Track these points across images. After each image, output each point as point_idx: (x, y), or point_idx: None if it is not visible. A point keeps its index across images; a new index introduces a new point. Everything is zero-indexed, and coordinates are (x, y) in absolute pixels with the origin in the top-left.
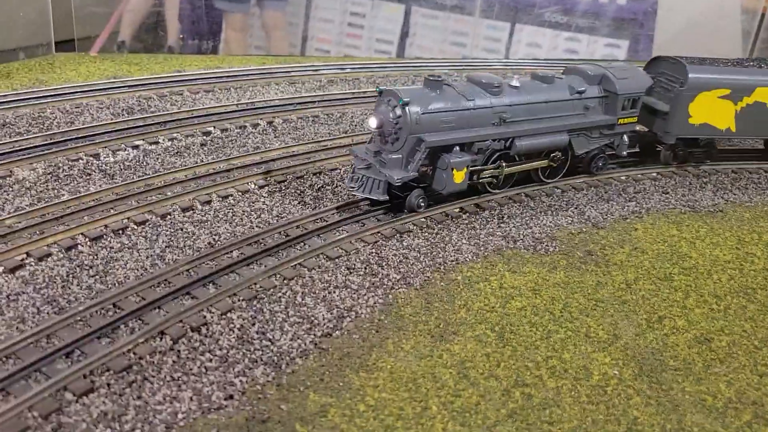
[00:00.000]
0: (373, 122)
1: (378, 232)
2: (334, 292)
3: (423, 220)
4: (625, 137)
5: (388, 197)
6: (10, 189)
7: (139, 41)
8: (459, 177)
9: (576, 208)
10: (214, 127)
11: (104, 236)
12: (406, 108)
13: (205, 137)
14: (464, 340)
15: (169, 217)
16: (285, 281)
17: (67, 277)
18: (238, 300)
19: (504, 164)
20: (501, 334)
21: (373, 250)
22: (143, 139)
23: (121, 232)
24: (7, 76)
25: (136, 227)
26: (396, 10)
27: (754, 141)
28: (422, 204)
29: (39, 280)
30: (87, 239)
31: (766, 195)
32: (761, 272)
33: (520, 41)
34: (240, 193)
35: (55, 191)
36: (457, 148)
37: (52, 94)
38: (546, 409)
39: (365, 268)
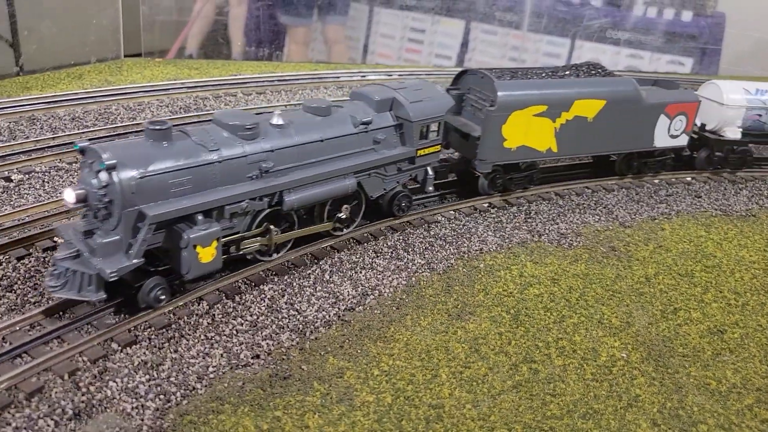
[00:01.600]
0: (70, 196)
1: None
2: (361, 272)
3: (452, 212)
4: (430, 170)
5: (105, 295)
6: (77, 173)
7: (205, 54)
8: (207, 254)
9: (605, 208)
10: None
11: None
12: (113, 173)
13: None
14: (479, 320)
15: None
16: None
17: None
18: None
19: (273, 228)
20: (516, 317)
21: (401, 237)
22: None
23: None
24: (79, 78)
25: None
26: (456, 25)
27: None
28: (162, 297)
29: None
30: None
31: None
32: None
33: (581, 58)
34: None
35: None
36: (201, 216)
37: (118, 92)
38: (551, 383)
39: (391, 253)
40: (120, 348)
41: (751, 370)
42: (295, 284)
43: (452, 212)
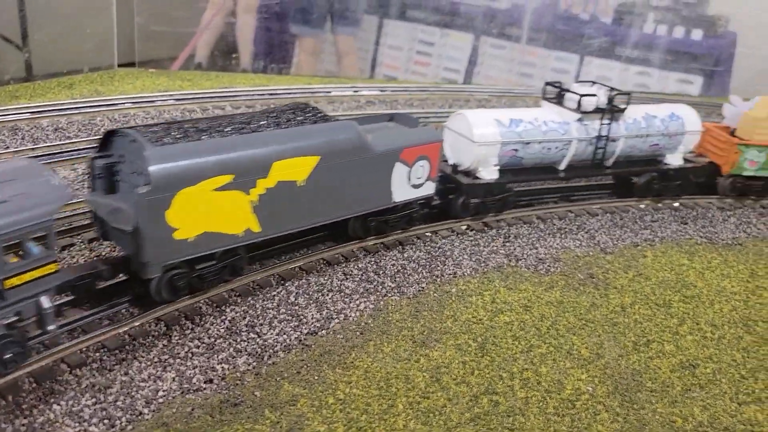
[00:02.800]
0: None
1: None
2: (328, 295)
3: (428, 234)
4: (45, 300)
5: None
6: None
7: (214, 63)
8: None
9: (587, 233)
10: None
11: None
12: None
13: None
14: (445, 348)
15: None
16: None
17: None
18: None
19: None
20: (482, 345)
21: (373, 259)
22: None
23: None
24: (70, 87)
25: None
26: (464, 39)
27: None
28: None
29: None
30: None
31: None
32: (767, 306)
33: (589, 74)
34: None
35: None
36: None
37: (104, 103)
38: (510, 417)
39: (362, 275)
40: (69, 369)
41: (720, 408)
42: (258, 306)
43: (429, 234)
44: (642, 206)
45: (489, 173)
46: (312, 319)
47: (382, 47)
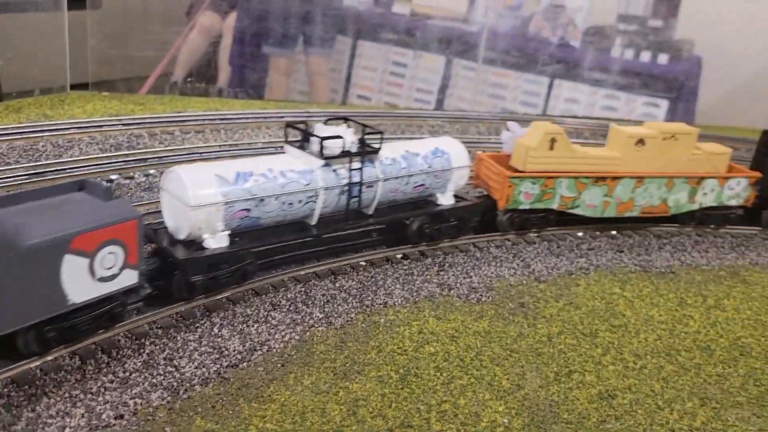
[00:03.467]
0: None
1: None
2: (253, 326)
3: (362, 263)
4: None
5: None
6: None
7: (191, 85)
8: None
9: (522, 261)
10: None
11: None
12: None
13: None
14: (365, 380)
15: None
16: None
17: None
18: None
19: None
20: (404, 376)
21: (303, 289)
22: (119, 174)
23: None
24: (17, 111)
25: None
26: (436, 61)
27: None
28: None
29: None
30: None
31: (725, 259)
32: (692, 335)
33: (559, 96)
34: None
35: None
36: None
37: (49, 128)
38: None
39: (290, 306)
40: None
41: None
42: (179, 338)
43: (363, 263)
44: (580, 234)
45: (216, 241)
46: (234, 351)
47: (356, 68)
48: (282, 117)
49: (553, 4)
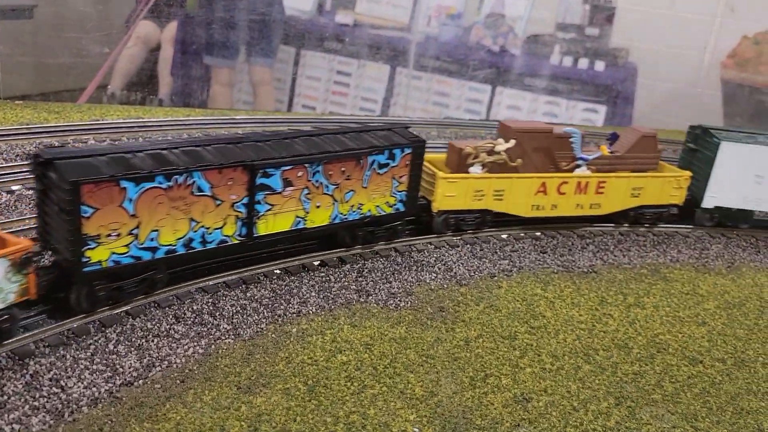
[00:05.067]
0: None
1: None
2: (153, 341)
3: (277, 272)
4: None
5: None
6: None
7: (129, 93)
8: None
9: (444, 265)
10: None
11: None
12: None
13: None
14: (271, 393)
15: None
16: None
17: None
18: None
19: None
20: (312, 388)
21: (210, 300)
22: (22, 184)
23: None
24: None
25: None
26: (381, 70)
27: None
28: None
29: None
30: None
31: (647, 257)
32: (611, 333)
33: (501, 103)
34: None
35: None
36: None
37: None
38: None
39: (195, 318)
40: None
41: None
42: (69, 357)
43: (277, 271)
44: (504, 236)
45: None
46: (129, 368)
47: (300, 77)
48: (206, 124)
49: (493, 14)
